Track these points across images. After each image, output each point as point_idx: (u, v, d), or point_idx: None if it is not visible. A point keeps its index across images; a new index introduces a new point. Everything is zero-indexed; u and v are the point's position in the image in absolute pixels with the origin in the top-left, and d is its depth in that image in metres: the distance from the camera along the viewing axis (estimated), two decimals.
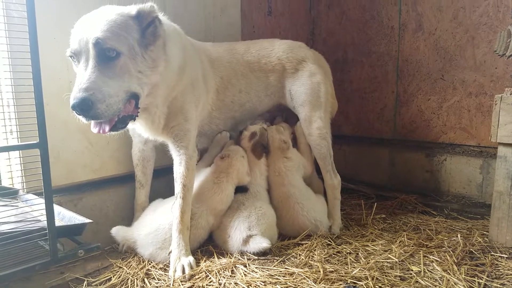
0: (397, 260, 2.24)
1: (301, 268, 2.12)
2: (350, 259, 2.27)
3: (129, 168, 2.67)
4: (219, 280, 2.01)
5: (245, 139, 2.73)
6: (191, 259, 2.16)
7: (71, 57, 1.88)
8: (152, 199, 2.64)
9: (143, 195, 2.64)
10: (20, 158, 2.20)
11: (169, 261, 2.19)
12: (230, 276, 2.06)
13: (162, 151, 2.50)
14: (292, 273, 2.07)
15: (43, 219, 1.78)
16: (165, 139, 2.33)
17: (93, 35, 1.77)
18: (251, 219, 2.37)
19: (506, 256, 2.31)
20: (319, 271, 2.06)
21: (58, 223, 1.90)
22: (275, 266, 2.17)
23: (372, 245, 2.47)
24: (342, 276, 2.04)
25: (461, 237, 2.55)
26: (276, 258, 2.27)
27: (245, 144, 2.72)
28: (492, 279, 2.06)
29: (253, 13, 3.68)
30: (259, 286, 1.95)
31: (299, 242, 2.49)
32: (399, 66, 3.69)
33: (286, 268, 2.12)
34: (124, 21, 1.86)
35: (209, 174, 2.53)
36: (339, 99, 3.19)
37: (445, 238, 2.56)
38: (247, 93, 2.74)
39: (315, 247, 2.41)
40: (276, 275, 2.05)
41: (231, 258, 2.25)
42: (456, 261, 2.22)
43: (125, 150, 2.66)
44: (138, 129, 2.32)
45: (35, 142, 1.70)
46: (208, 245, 2.44)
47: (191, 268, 2.11)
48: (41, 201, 1.89)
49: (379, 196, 3.53)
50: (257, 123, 2.85)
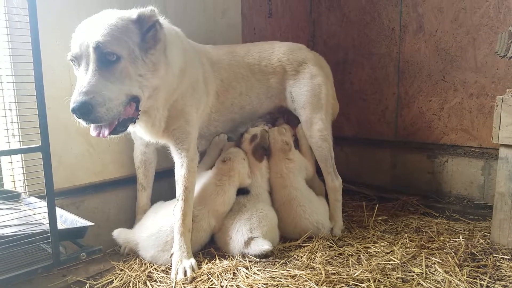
0: (399, 262, 2.24)
1: (303, 270, 2.12)
2: (352, 261, 2.27)
3: (131, 171, 2.68)
4: (221, 282, 2.01)
5: (246, 142, 2.74)
6: (193, 261, 2.17)
7: (71, 60, 1.88)
8: (154, 201, 2.64)
9: (144, 198, 2.65)
10: (22, 161, 2.21)
11: (171, 263, 2.19)
12: (232, 278, 2.06)
13: (163, 153, 2.50)
14: (294, 275, 2.07)
15: (46, 222, 1.79)
16: (166, 141, 2.34)
17: (93, 39, 1.77)
18: (252, 221, 2.37)
19: (508, 257, 2.31)
20: (321, 273, 2.06)
21: (60, 226, 1.91)
22: (276, 268, 2.17)
23: (374, 247, 2.47)
24: (344, 278, 2.04)
25: (463, 238, 2.54)
26: (278, 260, 2.27)
27: (246, 146, 2.73)
28: (494, 280, 2.06)
29: (253, 15, 3.69)
30: None
31: (301, 244, 2.49)
32: (400, 67, 3.69)
33: (287, 270, 2.12)
34: (124, 25, 1.86)
35: (211, 177, 2.53)
36: (340, 101, 3.19)
37: (447, 240, 2.55)
38: (247, 95, 2.74)
39: (317, 249, 2.41)
40: (278, 277, 2.05)
41: (232, 261, 2.25)
42: (458, 262, 2.22)
43: (127, 152, 2.66)
44: (138, 132, 2.33)
45: (37, 145, 1.71)
46: (209, 247, 2.45)
47: (193, 270, 2.12)
48: (43, 204, 1.90)
49: (380, 197, 3.52)
50: (258, 125, 2.85)
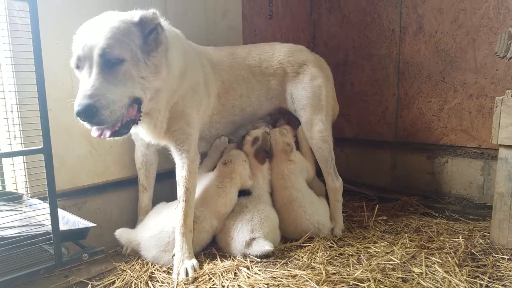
0: (399, 261, 2.25)
1: (304, 270, 2.13)
2: (352, 261, 2.28)
3: (133, 172, 2.69)
4: (222, 282, 2.02)
5: (248, 144, 2.75)
6: (194, 261, 2.18)
7: (74, 62, 1.88)
8: (156, 202, 2.65)
9: (146, 199, 2.66)
10: (24, 163, 2.22)
11: (172, 264, 2.20)
12: (233, 278, 2.07)
13: (165, 155, 2.51)
14: (295, 275, 2.08)
15: (48, 223, 1.80)
16: (167, 143, 2.35)
17: (97, 42, 1.78)
18: (254, 222, 2.38)
19: (508, 257, 2.32)
20: (322, 273, 2.07)
21: (62, 227, 1.92)
22: (277, 268, 2.18)
23: (374, 247, 2.48)
24: (344, 278, 2.05)
25: (462, 238, 2.55)
26: (279, 260, 2.28)
27: (247, 149, 2.74)
28: (493, 280, 2.07)
29: (254, 16, 3.70)
30: None
31: (302, 244, 2.51)
32: (400, 68, 3.70)
33: (288, 270, 2.13)
34: (127, 28, 1.87)
35: (213, 179, 2.54)
36: (340, 102, 3.20)
37: (447, 240, 2.56)
38: (248, 97, 2.75)
39: (318, 249, 2.42)
40: (278, 277, 2.06)
41: (234, 261, 2.26)
42: (457, 262, 2.23)
43: (128, 154, 2.68)
44: (140, 133, 2.34)
45: (39, 147, 1.72)
46: (211, 248, 2.46)
47: (195, 270, 2.13)
48: (45, 205, 1.91)
49: (380, 198, 3.53)
50: (260, 127, 2.86)
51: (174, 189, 2.36)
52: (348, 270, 2.15)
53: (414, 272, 2.14)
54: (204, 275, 2.10)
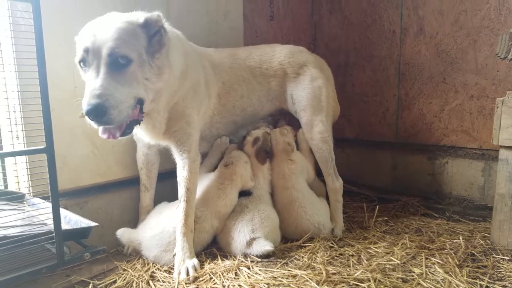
0: (399, 262, 2.25)
1: (304, 270, 2.14)
2: (352, 261, 2.29)
3: (134, 172, 2.70)
4: (223, 282, 2.03)
5: (248, 145, 2.75)
6: (195, 261, 2.19)
7: (79, 63, 1.90)
8: (157, 202, 2.66)
9: (148, 199, 2.68)
10: (26, 163, 2.23)
11: (173, 263, 2.21)
12: (234, 278, 2.08)
13: (166, 155, 2.53)
14: (295, 275, 2.09)
15: (50, 222, 1.81)
16: (168, 143, 2.36)
17: (105, 42, 1.80)
18: (254, 222, 2.39)
19: (508, 258, 2.32)
20: (322, 273, 2.08)
21: (64, 226, 1.93)
22: (278, 268, 2.19)
23: (374, 247, 2.49)
24: (344, 278, 2.05)
25: (463, 239, 2.56)
26: (279, 260, 2.29)
27: (248, 149, 2.75)
28: (494, 281, 2.07)
29: (255, 18, 3.71)
30: None
31: (302, 244, 2.51)
32: (400, 69, 3.71)
33: (289, 270, 2.14)
34: (133, 29, 1.89)
35: (213, 180, 2.55)
36: (341, 103, 3.21)
37: (447, 241, 2.57)
38: (248, 98, 2.76)
39: (318, 249, 2.43)
40: (279, 277, 2.07)
41: (234, 261, 2.27)
42: (458, 263, 2.24)
43: (130, 154, 2.69)
44: (139, 133, 2.35)
45: (42, 147, 1.73)
46: (212, 247, 2.47)
47: (195, 270, 2.14)
48: (47, 205, 1.92)
49: (381, 198, 3.54)
50: (260, 127, 2.87)
51: (175, 189, 2.37)
52: (348, 270, 2.16)
53: (414, 272, 2.14)
54: (205, 275, 2.11)
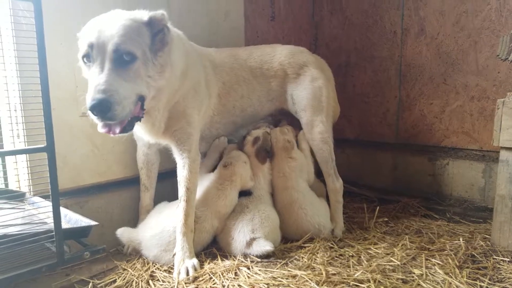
0: (399, 263, 2.25)
1: (304, 270, 2.14)
2: (352, 262, 2.28)
3: (134, 171, 2.70)
4: (222, 282, 2.03)
5: (248, 144, 2.75)
6: (195, 261, 2.19)
7: (83, 58, 1.90)
8: (157, 202, 2.66)
9: (148, 198, 2.68)
10: (27, 161, 2.23)
11: (173, 263, 2.21)
12: (234, 278, 2.08)
13: (166, 154, 2.53)
14: (295, 276, 2.08)
15: (50, 221, 1.81)
16: (168, 142, 2.36)
17: (110, 38, 1.80)
18: (254, 222, 2.39)
19: (508, 259, 2.32)
20: (322, 274, 2.08)
21: (64, 225, 1.93)
22: (278, 268, 2.18)
23: (375, 248, 2.48)
24: (344, 278, 2.05)
25: (463, 240, 2.56)
26: (279, 260, 2.29)
27: (248, 149, 2.75)
28: (494, 282, 2.07)
29: (256, 18, 3.71)
30: None
31: (302, 245, 2.51)
32: (401, 70, 3.71)
33: (289, 271, 2.14)
34: (137, 27, 1.90)
35: (213, 181, 2.55)
36: (342, 103, 3.21)
37: (447, 242, 2.56)
38: (249, 98, 2.76)
39: (318, 250, 2.43)
40: (279, 277, 2.07)
41: (234, 261, 2.27)
42: (458, 264, 2.23)
43: (131, 153, 2.69)
44: (138, 131, 2.35)
45: (42, 146, 1.73)
46: (211, 247, 2.47)
47: (195, 270, 2.14)
48: (47, 203, 1.92)
49: (381, 199, 3.53)
50: (261, 127, 2.87)
51: (175, 189, 2.37)
52: (348, 270, 2.16)
53: (414, 273, 2.14)
54: (204, 275, 2.11)
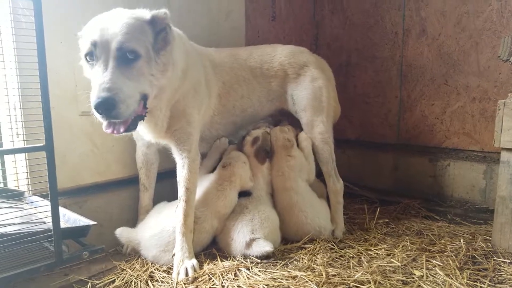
0: (399, 264, 2.24)
1: (304, 271, 2.13)
2: (352, 263, 2.27)
3: (134, 171, 2.69)
4: (222, 283, 2.02)
5: (248, 144, 2.74)
6: (194, 261, 2.18)
7: (86, 55, 1.89)
8: (156, 202, 2.65)
9: (147, 198, 2.66)
10: (26, 160, 2.23)
11: (172, 263, 2.20)
12: (233, 279, 2.07)
13: (166, 154, 2.52)
14: (295, 277, 2.07)
15: (48, 221, 1.80)
16: (168, 142, 2.35)
17: (114, 36, 1.80)
18: (254, 223, 2.38)
19: (509, 261, 2.31)
20: (322, 275, 2.07)
21: (63, 225, 1.92)
22: (278, 269, 2.17)
23: (375, 249, 2.48)
24: (344, 279, 2.04)
25: (464, 242, 2.55)
26: (279, 261, 2.28)
27: (248, 149, 2.73)
28: (494, 283, 2.06)
29: (257, 18, 3.70)
30: None
31: (302, 245, 2.50)
32: (402, 71, 3.70)
33: (289, 272, 2.13)
34: (140, 25, 1.90)
35: (212, 181, 2.54)
36: (342, 103, 3.20)
37: (448, 243, 2.55)
38: (249, 98, 2.76)
39: (318, 251, 2.42)
40: (278, 278, 2.06)
41: (234, 261, 2.26)
42: (458, 265, 2.22)
43: (130, 153, 2.68)
44: (141, 131, 2.34)
45: (41, 145, 1.72)
46: (211, 248, 2.46)
47: (195, 270, 2.13)
48: (46, 203, 1.91)
49: (382, 200, 3.53)
50: (261, 127, 2.85)
51: (175, 189, 2.36)
52: (348, 272, 2.15)
53: (414, 274, 2.13)
54: (204, 275, 2.10)
